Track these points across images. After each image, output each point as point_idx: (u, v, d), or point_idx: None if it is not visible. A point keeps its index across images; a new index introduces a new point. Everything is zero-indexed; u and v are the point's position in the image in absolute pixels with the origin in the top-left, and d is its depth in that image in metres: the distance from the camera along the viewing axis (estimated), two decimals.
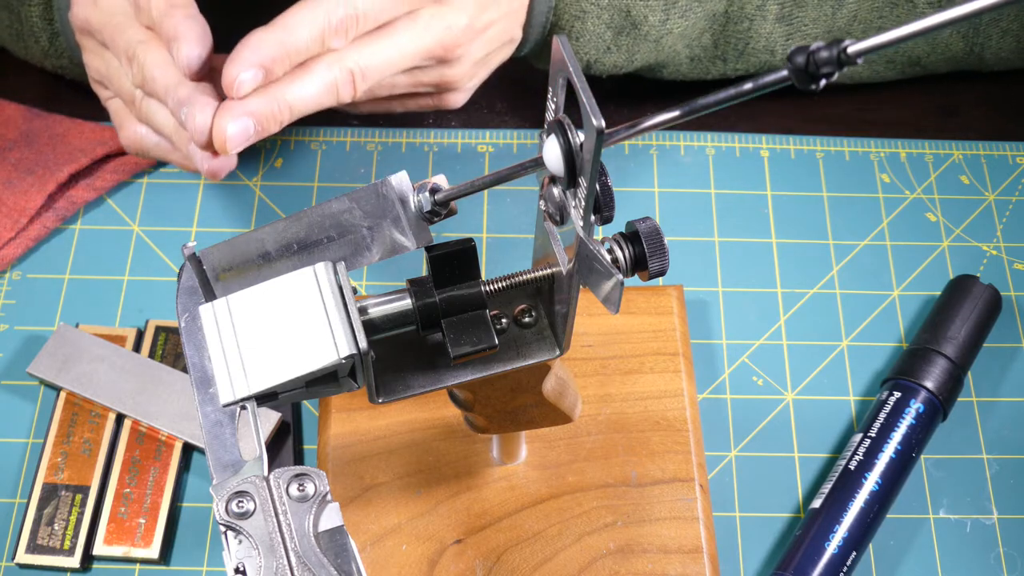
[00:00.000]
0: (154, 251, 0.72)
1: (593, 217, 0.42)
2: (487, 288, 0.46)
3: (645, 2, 0.69)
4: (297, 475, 0.42)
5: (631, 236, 0.45)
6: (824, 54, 0.34)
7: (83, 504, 0.62)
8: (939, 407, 0.65)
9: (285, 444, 0.64)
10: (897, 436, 0.63)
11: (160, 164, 0.75)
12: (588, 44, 0.70)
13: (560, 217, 0.44)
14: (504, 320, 0.48)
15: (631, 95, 0.78)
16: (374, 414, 0.64)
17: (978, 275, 0.70)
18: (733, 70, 0.75)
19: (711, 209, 0.75)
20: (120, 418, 0.64)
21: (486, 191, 0.68)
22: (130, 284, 0.70)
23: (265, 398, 0.43)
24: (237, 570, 0.40)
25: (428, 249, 0.45)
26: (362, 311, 0.45)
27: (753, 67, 0.75)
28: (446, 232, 0.71)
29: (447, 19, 0.64)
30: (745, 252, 0.73)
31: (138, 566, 0.62)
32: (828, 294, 0.72)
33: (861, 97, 0.80)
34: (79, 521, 0.61)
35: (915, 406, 0.64)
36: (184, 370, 0.65)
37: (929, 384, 0.64)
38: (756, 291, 0.72)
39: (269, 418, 0.63)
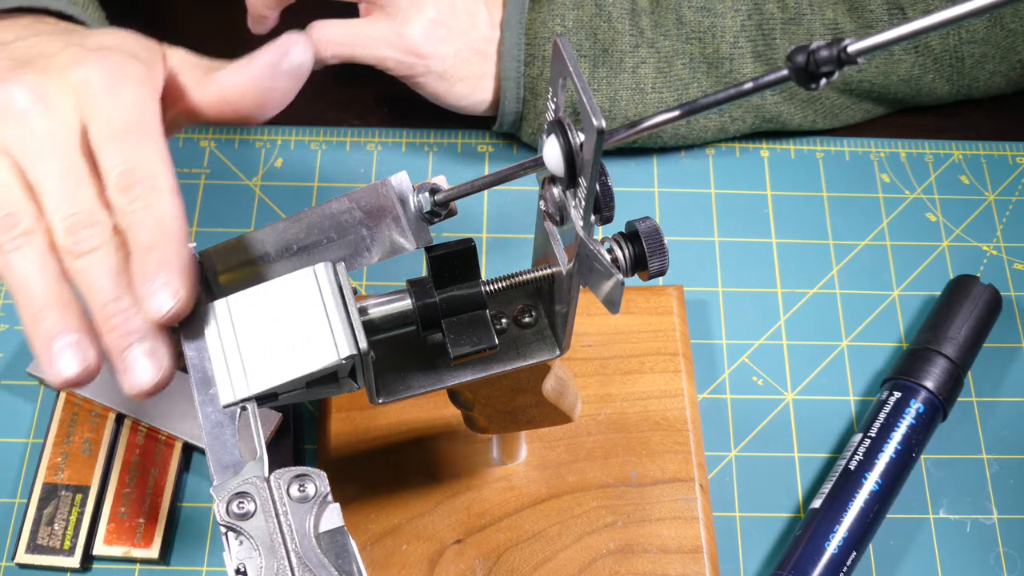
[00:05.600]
0: None
1: (593, 217, 0.42)
2: (487, 288, 0.46)
3: (610, 24, 0.70)
4: (298, 476, 0.42)
5: (631, 236, 0.45)
6: (824, 53, 0.34)
7: (83, 504, 0.62)
8: (939, 407, 0.65)
9: (285, 444, 0.64)
10: (897, 436, 0.63)
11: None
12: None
13: (560, 217, 0.44)
14: (504, 320, 0.48)
15: None
16: (374, 414, 0.64)
17: (978, 275, 0.70)
18: (731, 120, 0.74)
19: (711, 209, 0.75)
20: (120, 418, 0.64)
21: (486, 191, 0.68)
22: None
23: (265, 399, 0.43)
24: (238, 571, 0.40)
25: (428, 249, 0.45)
26: (362, 311, 0.45)
27: (751, 115, 0.74)
28: (446, 232, 0.71)
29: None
30: (745, 252, 0.73)
31: (138, 566, 0.62)
32: (828, 294, 0.72)
33: None
34: (79, 521, 0.61)
35: (915, 406, 0.64)
36: (184, 370, 0.65)
37: (929, 384, 0.64)
38: (756, 291, 0.72)
39: (269, 418, 0.63)
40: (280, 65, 0.48)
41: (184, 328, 0.46)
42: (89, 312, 0.45)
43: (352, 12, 0.71)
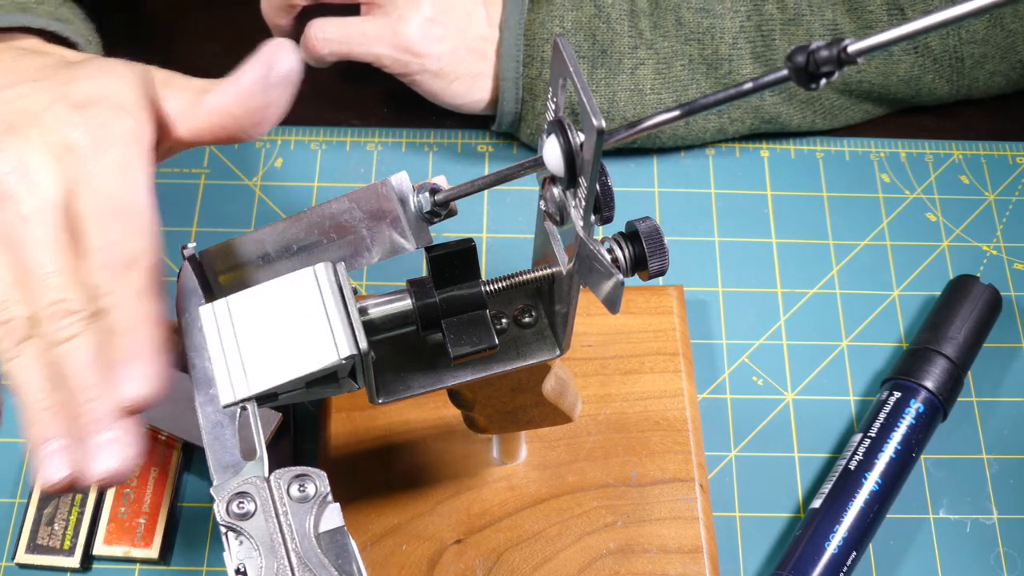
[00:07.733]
0: None
1: (593, 217, 0.42)
2: (487, 288, 0.46)
3: (609, 26, 0.70)
4: (298, 476, 0.42)
5: (631, 236, 0.45)
6: (824, 53, 0.34)
7: (83, 504, 0.62)
8: (939, 407, 0.65)
9: (285, 444, 0.64)
10: (897, 436, 0.63)
11: (160, 164, 0.74)
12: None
13: (560, 217, 0.44)
14: (504, 320, 0.48)
15: None
16: (374, 414, 0.64)
17: (978, 275, 0.70)
18: (730, 121, 0.74)
19: (711, 209, 0.75)
20: None
21: (486, 191, 0.68)
22: None
23: (265, 399, 0.43)
24: (238, 571, 0.40)
25: (428, 249, 0.45)
26: (362, 311, 0.45)
27: (750, 116, 0.74)
28: (446, 232, 0.71)
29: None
30: (745, 252, 0.73)
31: (138, 566, 0.62)
32: (828, 294, 0.72)
33: None
34: (79, 521, 0.61)
35: (915, 406, 0.64)
36: (184, 370, 0.65)
37: (929, 384, 0.64)
38: (756, 291, 0.72)
39: (269, 418, 0.63)
40: (268, 78, 0.47)
41: (184, 327, 0.46)
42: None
43: (354, 12, 0.72)
